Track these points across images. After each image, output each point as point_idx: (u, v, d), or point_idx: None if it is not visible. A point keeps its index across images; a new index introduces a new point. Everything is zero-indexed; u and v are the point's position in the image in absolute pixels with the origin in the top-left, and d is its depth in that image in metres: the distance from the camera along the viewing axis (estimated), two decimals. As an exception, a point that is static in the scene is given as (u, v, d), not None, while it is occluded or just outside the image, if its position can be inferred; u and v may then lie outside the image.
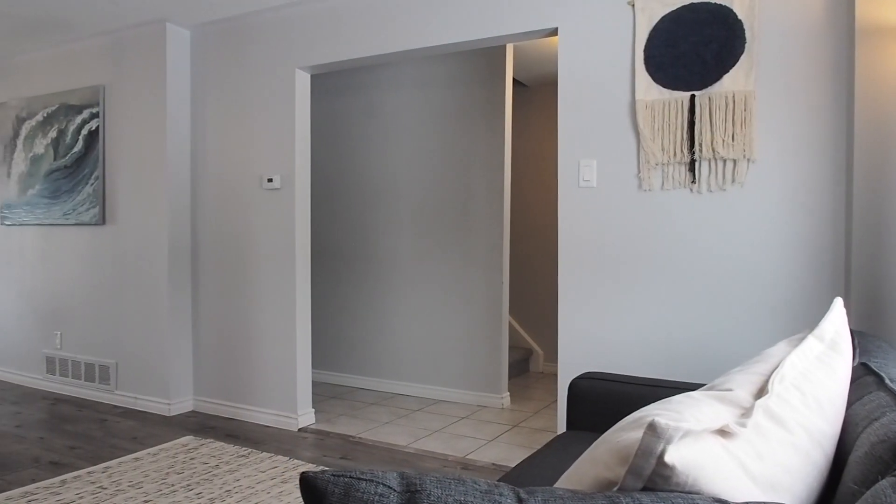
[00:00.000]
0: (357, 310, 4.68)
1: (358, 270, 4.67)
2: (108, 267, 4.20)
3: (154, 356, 4.01)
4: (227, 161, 3.89)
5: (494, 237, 4.16)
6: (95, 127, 4.16)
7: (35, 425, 3.73)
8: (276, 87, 3.68)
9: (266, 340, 3.78)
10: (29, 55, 4.62)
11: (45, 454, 3.23)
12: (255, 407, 3.83)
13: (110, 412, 4.02)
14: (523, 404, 4.28)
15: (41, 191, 4.48)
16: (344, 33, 3.43)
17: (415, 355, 4.45)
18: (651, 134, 2.66)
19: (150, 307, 4.01)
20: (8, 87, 4.76)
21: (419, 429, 3.71)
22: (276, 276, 3.72)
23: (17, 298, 4.75)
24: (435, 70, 4.34)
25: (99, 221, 4.17)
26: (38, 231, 4.58)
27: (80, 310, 4.37)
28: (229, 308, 3.92)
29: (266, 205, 3.74)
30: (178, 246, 3.97)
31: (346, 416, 3.98)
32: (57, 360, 4.51)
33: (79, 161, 4.25)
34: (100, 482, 2.84)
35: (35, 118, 4.50)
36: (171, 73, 3.91)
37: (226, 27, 3.87)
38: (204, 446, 3.33)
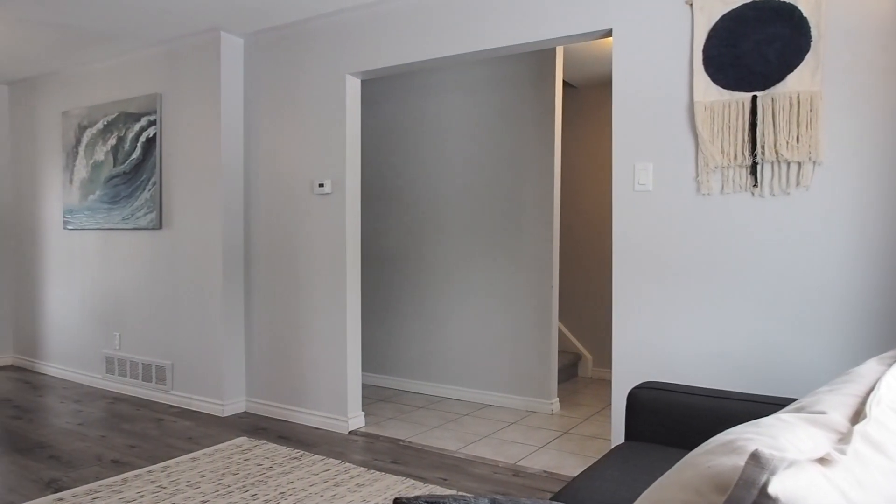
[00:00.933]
0: (405, 313, 4.70)
1: (406, 274, 4.68)
2: (165, 270, 4.31)
3: (208, 358, 4.09)
4: (279, 166, 3.95)
5: (544, 241, 4.12)
6: (153, 134, 4.28)
7: (96, 423, 3.84)
8: (326, 92, 3.72)
9: (317, 343, 3.82)
10: (90, 66, 4.78)
11: (107, 452, 3.33)
12: (305, 409, 3.88)
13: (166, 412, 4.12)
14: (573, 410, 4.23)
15: (101, 196, 4.63)
16: (394, 38, 3.45)
17: (463, 359, 4.44)
18: (710, 136, 2.59)
19: (205, 309, 4.10)
20: (70, 96, 4.94)
21: (468, 434, 3.69)
22: (327, 279, 3.76)
23: (79, 300, 4.92)
24: (483, 73, 4.33)
25: (156, 226, 4.29)
26: (99, 235, 4.73)
27: (138, 312, 4.49)
28: (280, 311, 3.98)
29: (317, 209, 3.78)
30: (231, 250, 4.05)
31: (395, 419, 3.99)
32: (116, 361, 4.65)
33: (137, 167, 4.38)
34: (159, 481, 2.90)
35: (96, 126, 4.65)
36: (225, 81, 3.99)
37: (278, 35, 3.93)
38: (257, 447, 3.39)
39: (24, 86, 5.37)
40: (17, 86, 5.43)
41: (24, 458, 3.24)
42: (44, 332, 5.27)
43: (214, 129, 4.00)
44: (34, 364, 5.37)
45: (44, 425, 3.80)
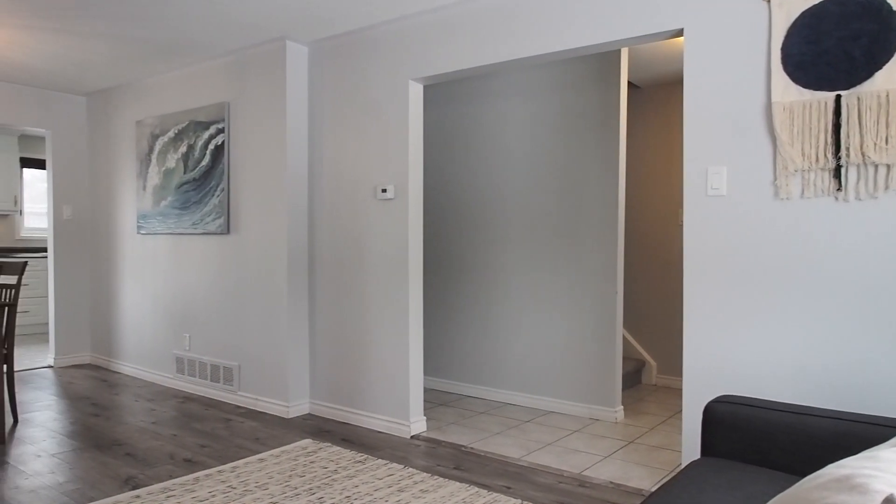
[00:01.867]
0: (466, 318, 4.69)
1: (467, 278, 4.67)
2: (232, 274, 4.42)
3: (273, 360, 4.18)
4: (343, 172, 4.00)
5: (608, 245, 4.03)
6: (221, 142, 4.40)
7: (168, 422, 3.97)
8: (389, 98, 3.74)
9: (379, 347, 3.85)
10: (161, 76, 4.96)
11: (179, 451, 3.43)
12: (368, 412, 3.91)
13: (234, 412, 4.23)
14: (638, 419, 4.12)
15: (172, 202, 4.79)
16: (457, 44, 3.44)
17: (524, 365, 4.39)
18: (789, 138, 2.48)
19: (270, 313, 4.19)
20: (143, 106, 5.13)
21: (531, 441, 3.65)
22: (390, 284, 3.78)
23: (151, 302, 5.11)
24: (544, 76, 4.27)
25: (224, 231, 4.41)
26: (170, 239, 4.90)
27: (207, 314, 4.63)
28: (343, 314, 4.02)
29: (380, 215, 3.81)
30: (295, 254, 4.12)
31: (457, 424, 3.98)
32: (186, 361, 4.80)
33: (206, 174, 4.52)
34: (229, 481, 2.97)
35: (167, 134, 4.82)
36: (291, 88, 4.07)
37: (341, 42, 3.98)
38: (322, 450, 3.43)
39: (100, 97, 5.61)
40: (94, 97, 5.68)
41: (103, 454, 3.37)
42: (118, 332, 5.49)
43: (280, 136, 4.09)
44: (109, 362, 5.60)
45: (120, 423, 3.96)
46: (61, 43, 4.21)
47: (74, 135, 5.73)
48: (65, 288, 5.70)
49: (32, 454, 3.37)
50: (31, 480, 3.00)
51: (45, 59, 4.57)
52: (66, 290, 5.71)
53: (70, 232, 5.72)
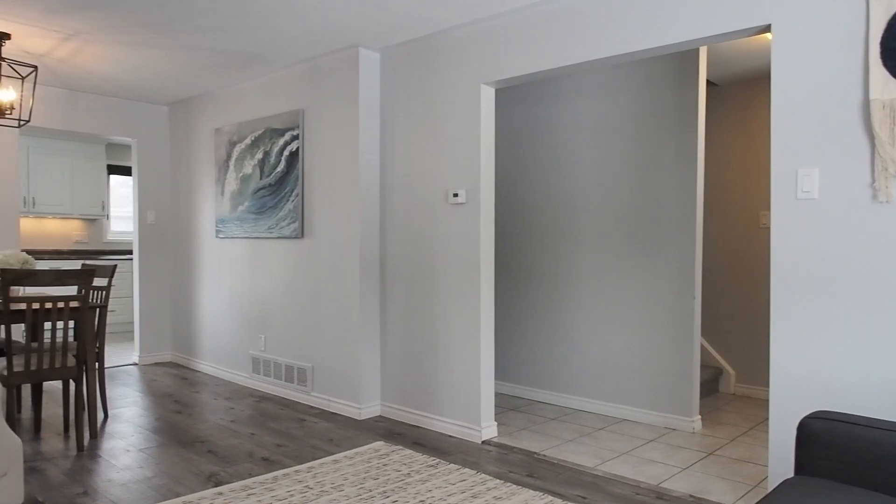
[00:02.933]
0: (537, 322, 4.64)
1: (539, 282, 4.62)
2: (306, 277, 4.52)
3: (346, 362, 4.25)
4: (414, 177, 4.03)
5: (685, 249, 3.91)
6: (296, 148, 4.51)
7: (246, 421, 4.10)
8: (461, 103, 3.74)
9: (450, 351, 3.85)
10: (239, 85, 5.13)
11: (257, 450, 3.53)
12: (438, 416, 3.92)
13: (307, 412, 4.32)
14: (717, 429, 3.97)
15: (249, 207, 4.94)
16: (531, 46, 3.40)
17: (597, 370, 4.31)
18: (890, 137, 2.33)
19: (343, 315, 4.26)
20: (222, 114, 5.32)
21: (605, 450, 3.57)
22: (461, 288, 3.78)
23: (228, 304, 5.29)
24: (618, 75, 4.18)
25: (298, 235, 4.51)
26: (246, 243, 5.06)
27: (281, 316, 4.75)
28: (414, 318, 4.05)
29: (451, 219, 3.81)
30: (368, 258, 4.18)
31: (528, 430, 3.94)
32: (261, 361, 4.95)
33: (281, 180, 4.64)
34: (306, 482, 3.03)
35: (244, 141, 4.98)
36: (363, 95, 4.13)
37: (413, 47, 4.01)
38: (395, 453, 3.46)
39: (181, 106, 5.85)
40: (175, 106, 5.93)
41: (186, 450, 3.51)
42: (198, 332, 5.71)
43: (352, 142, 4.15)
44: (189, 361, 5.83)
45: (201, 420, 4.10)
46: (146, 56, 4.41)
47: (157, 143, 6.00)
48: (149, 289, 5.98)
49: (122, 449, 3.54)
50: (122, 474, 3.15)
51: (131, 71, 4.80)
52: (150, 291, 5.99)
53: (153, 236, 5.99)
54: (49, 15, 3.63)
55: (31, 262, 3.75)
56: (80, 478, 3.10)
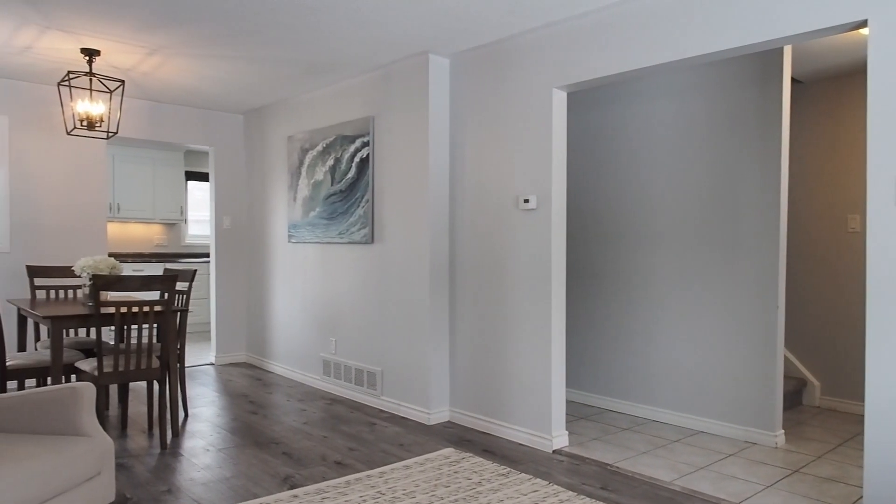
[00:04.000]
0: (608, 328, 4.53)
1: (612, 288, 4.52)
2: (376, 282, 4.57)
3: (415, 367, 4.27)
4: (484, 182, 4.00)
5: (767, 255, 3.73)
6: (366, 154, 4.57)
7: (318, 423, 4.17)
8: (532, 107, 3.70)
9: (520, 358, 3.81)
10: (311, 93, 5.24)
11: (330, 453, 3.58)
12: (508, 424, 3.88)
13: (377, 416, 4.36)
14: (801, 445, 3.78)
15: (320, 212, 5.04)
16: (605, 48, 3.33)
17: (672, 380, 4.17)
18: None
19: (412, 320, 4.28)
20: (294, 122, 5.45)
21: (681, 463, 3.45)
22: (531, 295, 3.73)
23: (300, 307, 5.41)
24: (694, 74, 4.04)
25: (368, 240, 4.57)
26: (317, 248, 5.16)
27: (352, 320, 4.82)
28: (484, 324, 4.03)
29: (522, 225, 3.77)
30: (437, 264, 4.19)
31: (600, 440, 3.85)
32: (332, 364, 5.03)
33: (352, 186, 4.71)
34: (378, 487, 3.06)
35: (316, 148, 5.08)
36: (433, 101, 4.14)
37: (483, 52, 3.99)
38: (465, 460, 3.44)
39: (255, 114, 6.03)
40: (250, 115, 6.11)
41: (262, 451, 3.60)
42: (270, 334, 5.87)
43: (422, 148, 4.17)
44: (262, 362, 6.00)
45: (275, 422, 4.21)
46: (224, 67, 4.56)
47: (233, 150, 6.20)
48: (225, 292, 6.18)
49: (202, 448, 3.66)
50: (203, 473, 3.25)
51: (209, 82, 4.97)
52: (226, 294, 6.19)
53: (229, 240, 6.19)
54: (136, 32, 3.80)
55: (119, 266, 3.93)
56: (164, 475, 3.22)
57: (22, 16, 3.56)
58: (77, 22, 3.63)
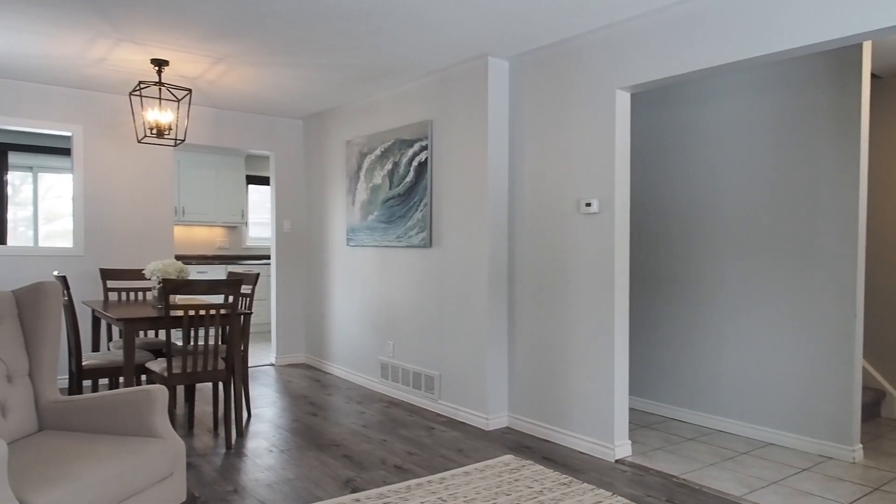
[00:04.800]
0: (673, 335, 4.41)
1: (676, 294, 4.39)
2: (434, 286, 4.57)
3: (473, 371, 4.24)
4: (544, 186, 3.95)
5: (844, 260, 3.56)
6: (424, 158, 4.57)
7: (376, 426, 4.19)
8: (594, 109, 3.62)
9: (581, 365, 3.74)
10: (369, 98, 5.28)
11: (389, 457, 3.60)
12: (569, 431, 3.81)
13: (435, 420, 4.36)
14: (881, 460, 3.58)
15: (378, 216, 5.08)
16: (671, 47, 3.23)
17: (740, 389, 4.02)
18: None
19: (471, 325, 4.26)
20: (353, 127, 5.51)
21: (752, 477, 3.31)
22: (593, 300, 3.66)
23: (358, 310, 5.46)
24: (765, 73, 3.88)
25: (426, 244, 4.57)
26: (375, 252, 5.20)
27: (410, 323, 4.83)
28: (543, 329, 3.97)
29: (583, 229, 3.70)
30: (496, 268, 4.15)
31: (664, 450, 3.74)
32: (389, 367, 5.06)
33: (410, 190, 4.72)
34: (438, 493, 3.04)
35: (374, 153, 5.12)
36: (492, 103, 4.11)
37: (543, 54, 3.94)
38: (525, 468, 3.40)
39: (314, 120, 6.13)
40: (309, 120, 6.22)
41: (323, 454, 3.64)
42: (329, 336, 5.95)
43: (481, 151, 4.14)
44: (321, 363, 6.08)
45: (335, 424, 4.25)
46: (285, 74, 4.64)
47: (293, 155, 6.32)
48: (285, 294, 6.30)
49: (265, 449, 3.73)
50: (266, 474, 3.31)
51: (271, 89, 5.08)
52: (286, 296, 6.31)
53: (289, 244, 6.31)
54: (202, 42, 3.90)
55: (186, 270, 4.04)
56: (230, 475, 3.29)
57: (97, 30, 3.70)
58: (148, 34, 3.75)
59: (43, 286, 2.49)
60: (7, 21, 3.58)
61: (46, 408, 2.46)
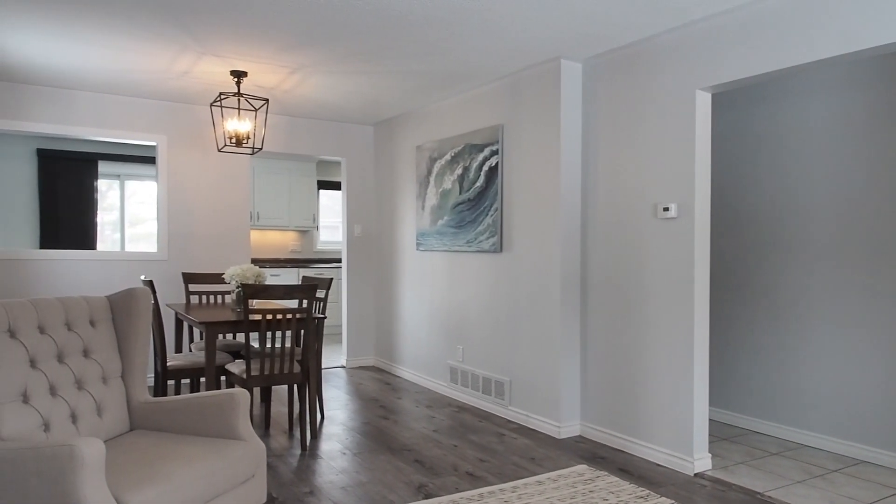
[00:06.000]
0: (756, 344, 4.22)
1: (758, 301, 4.21)
2: (504, 291, 4.54)
3: (545, 378, 4.19)
4: (618, 190, 3.86)
5: (948, 269, 3.31)
6: (495, 163, 4.55)
7: (447, 432, 4.20)
8: (672, 111, 3.51)
9: (658, 374, 3.63)
10: (439, 103, 5.30)
11: (461, 463, 3.59)
12: (644, 442, 3.71)
13: (505, 426, 4.32)
14: None
15: (448, 221, 5.09)
16: (757, 45, 3.09)
17: (829, 402, 3.81)
18: None
19: (542, 331, 4.20)
20: (423, 132, 5.55)
21: (843, 497, 3.13)
22: (671, 307, 3.54)
23: (428, 314, 5.48)
24: (855, 69, 3.67)
25: (497, 249, 4.55)
26: (445, 256, 5.21)
27: (480, 328, 4.82)
28: (618, 337, 3.88)
29: (660, 234, 3.59)
30: (568, 273, 4.09)
31: (746, 465, 3.59)
32: (459, 372, 5.06)
33: (480, 194, 4.71)
34: (511, 502, 3.01)
35: (444, 157, 5.14)
36: (564, 106, 4.05)
37: (618, 55, 3.85)
38: (600, 479, 3.32)
39: (384, 125, 6.20)
40: (380, 126, 6.30)
41: (395, 458, 3.67)
42: (398, 339, 6.00)
43: (553, 155, 4.09)
44: (390, 366, 6.15)
45: (406, 428, 4.28)
46: (358, 82, 4.71)
47: (363, 161, 6.42)
48: (355, 298, 6.41)
49: (338, 451, 3.79)
50: (340, 477, 3.36)
51: (343, 96, 5.17)
52: (356, 299, 6.41)
53: (359, 248, 6.41)
54: (280, 53, 4.01)
55: (263, 275, 4.16)
56: (306, 477, 3.36)
57: (182, 45, 3.86)
58: (228, 46, 3.89)
59: (135, 292, 2.60)
60: (103, 39, 3.78)
61: (137, 408, 2.57)
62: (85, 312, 2.51)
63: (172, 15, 3.38)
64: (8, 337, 2.20)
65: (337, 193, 9.24)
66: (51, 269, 5.05)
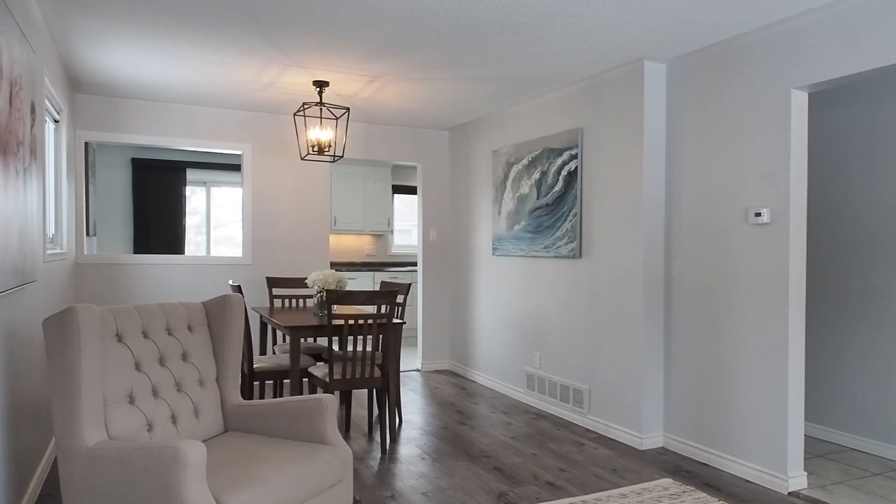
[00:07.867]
0: (856, 356, 3.98)
1: (858, 310, 3.97)
2: (583, 298, 4.46)
3: (626, 387, 4.09)
4: (705, 195, 3.73)
5: None
6: (574, 167, 4.48)
7: (525, 439, 4.16)
8: (765, 111, 3.36)
9: (748, 386, 3.47)
10: (516, 108, 5.27)
11: (541, 472, 3.55)
12: (733, 457, 3.56)
13: (584, 436, 4.25)
14: None
15: (525, 226, 5.05)
16: (854, 42, 2.92)
17: (938, 422, 3.55)
18: None
19: (623, 338, 4.11)
20: (499, 136, 5.53)
21: (960, 524, 2.90)
22: (764, 317, 3.39)
23: (504, 319, 5.46)
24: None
25: (576, 255, 4.47)
26: (522, 262, 5.17)
27: (557, 335, 4.75)
28: (704, 346, 3.74)
29: (752, 241, 3.44)
30: (651, 280, 3.98)
31: (845, 485, 3.38)
32: (536, 378, 5.01)
33: (558, 199, 4.65)
34: (595, 515, 2.95)
35: (521, 162, 5.10)
36: (648, 108, 3.94)
37: (705, 55, 3.72)
38: (687, 494, 3.21)
39: (460, 130, 6.22)
40: (455, 131, 6.32)
41: (474, 464, 3.66)
42: (473, 344, 6.00)
43: (635, 158, 3.99)
44: (464, 370, 6.15)
45: (483, 434, 4.27)
46: (435, 88, 4.75)
47: (438, 166, 6.46)
48: (431, 302, 6.45)
49: (417, 456, 3.82)
50: (420, 482, 3.39)
51: (420, 103, 5.22)
52: (432, 303, 6.46)
53: (434, 252, 6.45)
54: (360, 63, 4.09)
55: (344, 280, 4.25)
56: (387, 480, 3.41)
57: (270, 57, 3.99)
58: (312, 57, 3.99)
59: (229, 299, 2.71)
60: (194, 55, 3.96)
61: (230, 410, 2.67)
62: (183, 318, 2.63)
63: (261, 30, 3.50)
64: (116, 341, 2.33)
65: (411, 198, 9.34)
66: (144, 273, 5.32)
